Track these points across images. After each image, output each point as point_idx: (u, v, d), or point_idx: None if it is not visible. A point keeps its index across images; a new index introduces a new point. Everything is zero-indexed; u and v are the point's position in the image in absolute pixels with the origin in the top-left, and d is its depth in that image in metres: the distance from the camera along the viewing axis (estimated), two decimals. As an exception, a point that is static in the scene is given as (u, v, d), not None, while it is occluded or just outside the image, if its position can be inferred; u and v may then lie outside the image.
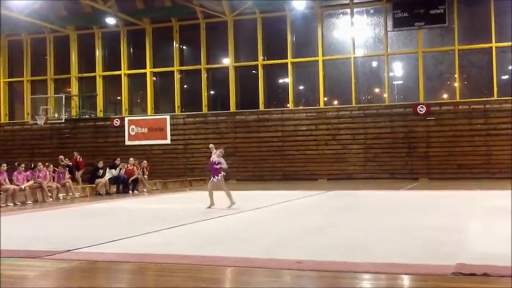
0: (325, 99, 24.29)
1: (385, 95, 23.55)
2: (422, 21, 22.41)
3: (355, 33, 23.88)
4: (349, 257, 5.76)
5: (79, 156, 22.30)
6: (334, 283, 4.78)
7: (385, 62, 23.42)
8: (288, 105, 24.54)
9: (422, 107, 22.55)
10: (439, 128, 22.42)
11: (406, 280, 4.88)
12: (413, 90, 23.39)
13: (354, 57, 23.72)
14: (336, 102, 24.65)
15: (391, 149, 22.87)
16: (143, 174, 19.06)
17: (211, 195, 11.72)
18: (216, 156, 12.15)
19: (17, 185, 14.70)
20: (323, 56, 23.97)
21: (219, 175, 11.92)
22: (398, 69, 24.34)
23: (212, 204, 11.61)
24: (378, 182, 20.93)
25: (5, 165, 15.24)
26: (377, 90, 24.45)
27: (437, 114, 22.47)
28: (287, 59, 24.32)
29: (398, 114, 22.98)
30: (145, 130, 25.73)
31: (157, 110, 26.28)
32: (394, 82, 24.18)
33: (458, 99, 22.48)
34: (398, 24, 22.81)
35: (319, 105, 24.13)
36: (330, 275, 5.00)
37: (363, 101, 24.10)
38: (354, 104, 23.61)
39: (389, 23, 23.08)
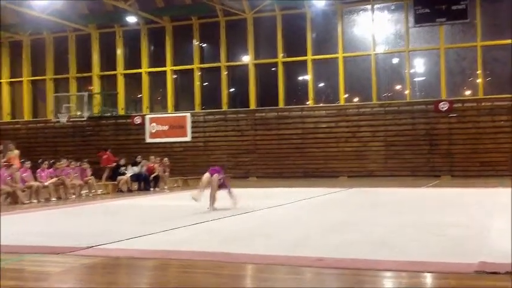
0: (346, 96, 24.18)
1: (406, 92, 23.36)
2: (444, 17, 22.15)
3: (376, 30, 23.71)
4: (371, 254, 5.73)
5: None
6: (355, 281, 4.77)
7: (406, 58, 23.23)
8: (308, 102, 24.49)
9: (444, 104, 22.31)
10: (461, 125, 22.17)
11: (428, 278, 4.85)
12: (435, 87, 23.16)
13: (375, 54, 23.57)
14: (356, 100, 24.53)
15: (413, 146, 22.68)
16: (164, 171, 19.18)
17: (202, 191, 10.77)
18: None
19: (41, 182, 14.91)
20: (343, 52, 23.86)
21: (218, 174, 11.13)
22: (419, 65, 24.12)
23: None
24: (399, 180, 20.78)
25: (29, 162, 15.50)
26: (398, 87, 24.27)
27: (459, 111, 22.22)
28: (307, 56, 24.25)
29: (419, 111, 22.78)
30: (165, 128, 25.88)
31: (177, 107, 26.42)
32: (415, 79, 23.97)
33: (481, 96, 22.21)
34: (419, 20, 22.58)
35: (340, 103, 24.04)
36: (351, 273, 4.99)
37: (384, 98, 23.93)
38: (374, 101, 23.47)
39: (411, 19, 22.86)
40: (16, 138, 26.61)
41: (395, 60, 24.13)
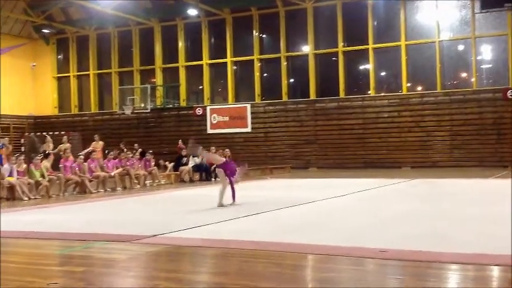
0: (408, 85, 23.64)
1: (473, 80, 22.58)
2: (513, 2, 21.21)
3: (440, 16, 23.02)
4: (435, 246, 5.61)
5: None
6: (419, 273, 4.69)
7: (473, 45, 22.42)
8: (369, 92, 24.10)
9: (512, 92, 21.46)
10: (531, 113, 21.25)
11: (494, 271, 4.70)
12: (502, 74, 22.28)
13: (439, 41, 22.89)
14: (419, 88, 23.94)
15: (480, 135, 21.94)
16: (225, 162, 19.34)
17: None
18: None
19: (107, 172, 15.42)
20: (406, 40, 23.32)
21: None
22: (486, 52, 23.22)
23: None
24: (464, 170, 20.17)
25: (95, 153, 16.06)
26: (464, 74, 23.50)
27: (529, 99, 21.30)
28: (368, 44, 23.85)
29: (486, 100, 21.98)
30: (226, 118, 26.13)
31: (237, 98, 26.60)
32: (482, 66, 23.12)
33: (552, 83, 21.21)
34: (486, 5, 21.66)
35: (402, 92, 23.53)
36: (414, 265, 4.90)
37: (449, 86, 23.24)
38: (439, 90, 22.84)
39: (477, 4, 21.97)
40: (83, 129, 27.61)
41: (460, 47, 23.37)
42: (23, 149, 24.83)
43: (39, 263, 5.57)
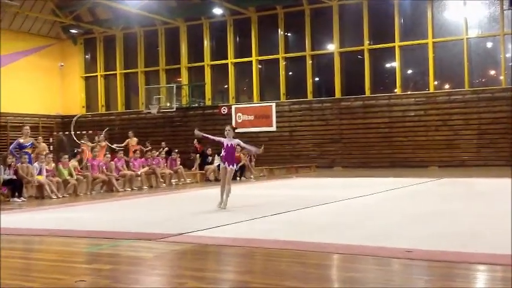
0: (436, 83, 23.36)
1: (502, 78, 22.20)
2: (543, -2, 20.79)
3: (468, 13, 22.68)
4: (462, 246, 5.54)
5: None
6: (446, 273, 4.63)
7: (501, 42, 22.04)
8: (396, 90, 23.88)
9: (543, 90, 21.04)
10: (562, 111, 20.81)
11: (525, 273, 4.61)
12: (533, 72, 21.88)
13: (467, 38, 22.56)
14: (447, 86, 23.64)
15: (508, 134, 21.55)
16: (250, 161, 19.43)
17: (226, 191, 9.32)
18: (232, 139, 9.65)
19: (134, 171, 15.57)
20: (433, 38, 23.04)
21: (235, 165, 9.66)
22: (516, 49, 22.83)
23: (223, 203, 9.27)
24: (493, 170, 19.84)
25: (122, 152, 16.25)
26: (492, 72, 23.13)
27: (560, 97, 20.86)
28: (394, 42, 23.63)
29: (516, 98, 21.62)
30: (251, 117, 26.16)
31: (262, 97, 26.61)
32: (510, 63, 22.72)
33: None
34: (515, 1, 21.32)
35: (429, 90, 23.26)
36: (441, 265, 4.84)
37: (477, 84, 22.90)
38: (466, 88, 22.52)
39: (506, 1, 21.63)
40: (111, 129, 27.92)
41: (489, 45, 23.00)
42: (51, 148, 25.23)
43: (67, 260, 5.66)
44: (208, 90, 27.58)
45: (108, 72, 30.06)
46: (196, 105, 27.79)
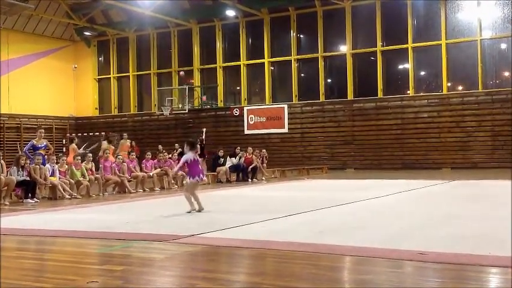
0: (449, 84, 23.23)
1: (516, 79, 22.04)
2: (558, -2, 20.63)
3: (482, 14, 22.52)
4: (475, 249, 5.49)
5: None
6: (459, 276, 4.59)
7: (516, 43, 21.89)
8: (408, 91, 23.77)
9: (558, 91, 20.83)
10: None
11: (539, 276, 4.56)
12: (547, 73, 21.67)
13: (481, 40, 22.41)
14: (460, 88, 23.49)
15: (522, 136, 21.39)
16: (262, 162, 19.42)
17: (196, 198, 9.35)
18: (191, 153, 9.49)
19: (146, 172, 15.63)
20: (447, 39, 22.91)
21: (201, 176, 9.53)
22: (530, 50, 22.63)
23: (197, 208, 9.25)
24: (506, 172, 19.65)
25: (134, 153, 16.32)
26: (506, 73, 22.93)
27: None
28: (407, 44, 23.53)
29: (530, 99, 21.42)
30: (263, 119, 26.17)
31: (274, 99, 26.60)
32: (525, 65, 22.54)
33: None
34: (530, 2, 21.18)
35: (442, 91, 23.13)
36: (454, 268, 4.80)
37: (491, 85, 22.73)
38: (480, 89, 22.36)
39: (520, 1, 21.51)
40: (122, 130, 28.02)
41: (503, 46, 22.83)
42: (64, 149, 25.39)
43: (80, 261, 5.69)
44: (220, 92, 27.63)
45: (121, 74, 30.23)
46: (209, 106, 27.84)
